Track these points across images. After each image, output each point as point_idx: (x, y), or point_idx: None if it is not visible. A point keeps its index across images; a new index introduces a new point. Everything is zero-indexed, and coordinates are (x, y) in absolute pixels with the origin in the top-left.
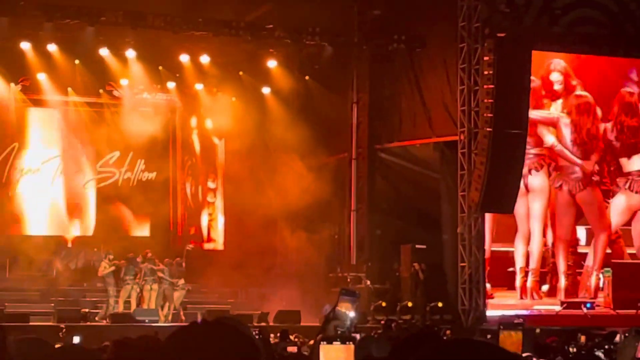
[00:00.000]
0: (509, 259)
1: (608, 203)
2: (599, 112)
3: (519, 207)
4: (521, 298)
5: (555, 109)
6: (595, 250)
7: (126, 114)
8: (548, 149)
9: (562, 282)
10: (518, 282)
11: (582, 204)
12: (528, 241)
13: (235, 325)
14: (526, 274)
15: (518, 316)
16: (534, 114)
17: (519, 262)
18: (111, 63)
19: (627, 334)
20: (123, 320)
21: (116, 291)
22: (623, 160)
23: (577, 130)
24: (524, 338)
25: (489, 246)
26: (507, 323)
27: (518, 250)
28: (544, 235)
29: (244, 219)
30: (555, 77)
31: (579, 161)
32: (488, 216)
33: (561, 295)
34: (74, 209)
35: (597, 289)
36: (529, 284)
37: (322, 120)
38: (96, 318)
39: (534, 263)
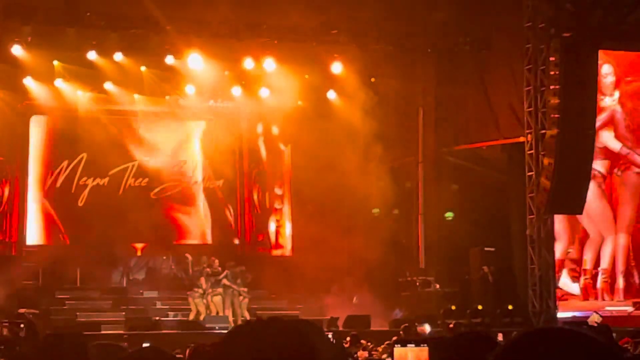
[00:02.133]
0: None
1: None
2: None
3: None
4: (585, 299)
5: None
6: None
7: (192, 122)
8: (616, 154)
9: (620, 282)
10: (580, 283)
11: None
12: (592, 243)
13: (291, 322)
14: (593, 275)
15: (596, 312)
16: None
17: (585, 263)
18: (177, 70)
19: None
20: (192, 327)
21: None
22: None
23: (630, 116)
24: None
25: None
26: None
27: (586, 252)
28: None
29: (311, 224)
30: (606, 70)
31: None
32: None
33: (619, 296)
34: (142, 217)
35: None
36: (598, 284)
37: (388, 124)
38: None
39: (605, 264)
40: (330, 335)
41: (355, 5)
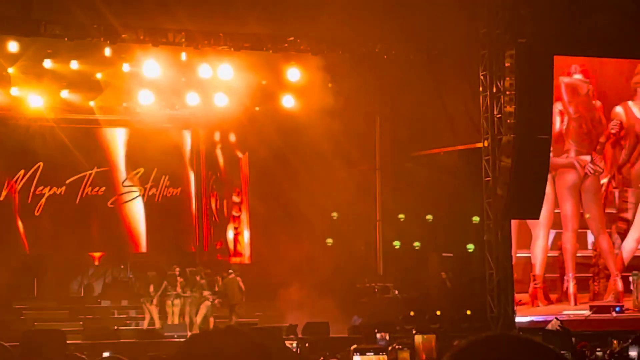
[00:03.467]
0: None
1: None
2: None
3: None
4: (533, 305)
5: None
6: None
7: (149, 129)
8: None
9: (571, 287)
10: (529, 289)
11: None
12: (541, 247)
13: (247, 332)
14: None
15: (557, 318)
16: None
17: (535, 269)
18: (133, 78)
19: None
20: (151, 336)
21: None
22: None
23: (577, 115)
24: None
25: (513, 252)
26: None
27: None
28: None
29: (269, 232)
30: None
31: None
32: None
33: (572, 302)
34: (100, 226)
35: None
36: (530, 290)
37: (346, 131)
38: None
39: (538, 269)
40: (294, 344)
41: (312, 12)
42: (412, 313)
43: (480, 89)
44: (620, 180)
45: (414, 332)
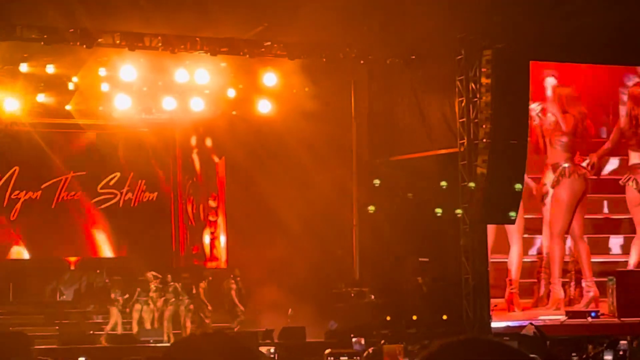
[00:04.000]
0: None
1: None
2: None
3: None
4: (509, 310)
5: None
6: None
7: (125, 134)
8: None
9: (561, 292)
10: (505, 294)
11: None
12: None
13: (235, 336)
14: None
15: (532, 324)
16: None
17: (510, 274)
18: (110, 82)
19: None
20: (127, 341)
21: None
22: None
23: (564, 120)
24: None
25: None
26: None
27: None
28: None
29: (246, 236)
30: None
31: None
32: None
33: (562, 306)
34: (76, 231)
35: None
36: (506, 295)
37: (322, 135)
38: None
39: (513, 274)
40: (272, 349)
41: (288, 16)
42: (388, 318)
43: (457, 93)
44: (597, 168)
45: (382, 342)
